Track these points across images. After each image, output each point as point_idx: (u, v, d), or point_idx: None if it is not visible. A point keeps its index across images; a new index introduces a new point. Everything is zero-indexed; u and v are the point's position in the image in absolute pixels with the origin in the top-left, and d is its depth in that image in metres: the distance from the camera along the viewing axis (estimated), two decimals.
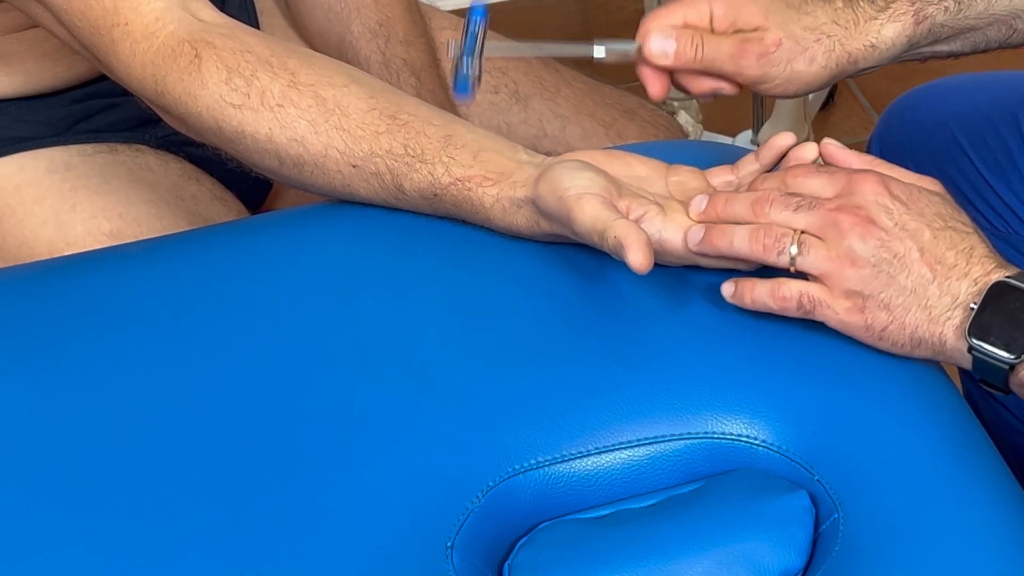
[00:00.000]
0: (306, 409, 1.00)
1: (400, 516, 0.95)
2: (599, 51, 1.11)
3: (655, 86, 1.12)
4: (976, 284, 0.94)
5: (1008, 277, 0.93)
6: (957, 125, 1.39)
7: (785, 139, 1.05)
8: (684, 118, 2.11)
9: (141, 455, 0.98)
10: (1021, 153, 1.35)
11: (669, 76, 1.12)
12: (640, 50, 1.11)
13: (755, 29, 1.10)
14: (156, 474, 0.98)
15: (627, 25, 2.38)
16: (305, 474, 0.97)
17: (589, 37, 1.12)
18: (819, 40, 1.11)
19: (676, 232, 1.00)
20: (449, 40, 1.07)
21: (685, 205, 1.02)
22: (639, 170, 1.06)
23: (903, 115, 1.48)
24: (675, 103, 2.13)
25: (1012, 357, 0.93)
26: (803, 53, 1.11)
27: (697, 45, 1.10)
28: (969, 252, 0.95)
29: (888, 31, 1.11)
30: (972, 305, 0.93)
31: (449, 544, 0.94)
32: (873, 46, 1.11)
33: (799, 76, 1.11)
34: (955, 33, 1.13)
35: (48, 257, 1.28)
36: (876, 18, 1.11)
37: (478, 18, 1.04)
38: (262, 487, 0.96)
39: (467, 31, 1.05)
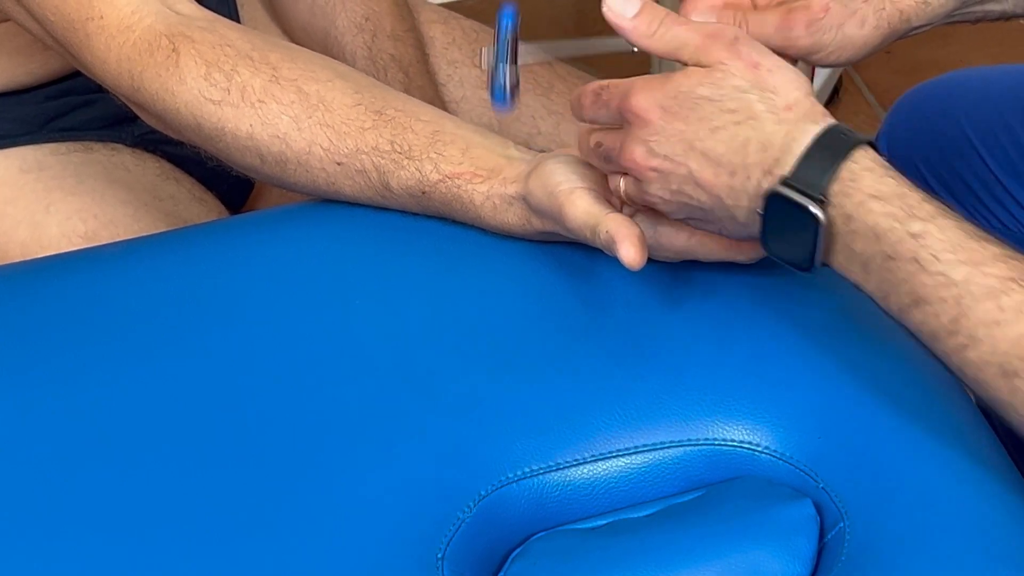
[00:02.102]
0: (291, 416, 0.99)
1: (389, 527, 0.94)
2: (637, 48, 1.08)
3: None
4: (759, 190, 0.92)
5: (783, 181, 0.90)
6: (967, 120, 1.39)
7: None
8: None
9: (117, 463, 0.98)
10: None
11: None
12: None
13: None
14: (131, 484, 0.97)
15: None
16: (291, 483, 0.96)
17: (583, 31, 1.10)
18: (867, 0, 1.08)
19: (671, 226, 0.99)
20: (480, 49, 1.06)
21: None
22: None
23: (911, 111, 1.47)
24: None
25: (807, 272, 0.92)
26: (853, 16, 1.08)
27: (740, 23, 1.08)
28: (743, 148, 0.92)
29: None
30: (758, 212, 0.92)
31: (440, 556, 0.93)
32: (926, 2, 1.10)
33: (852, 40, 1.08)
34: None
35: (21, 260, 1.28)
36: None
37: (508, 22, 1.02)
38: (247, 497, 0.96)
39: (499, 37, 1.03)
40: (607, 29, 1.07)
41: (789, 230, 0.90)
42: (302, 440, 0.98)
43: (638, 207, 0.99)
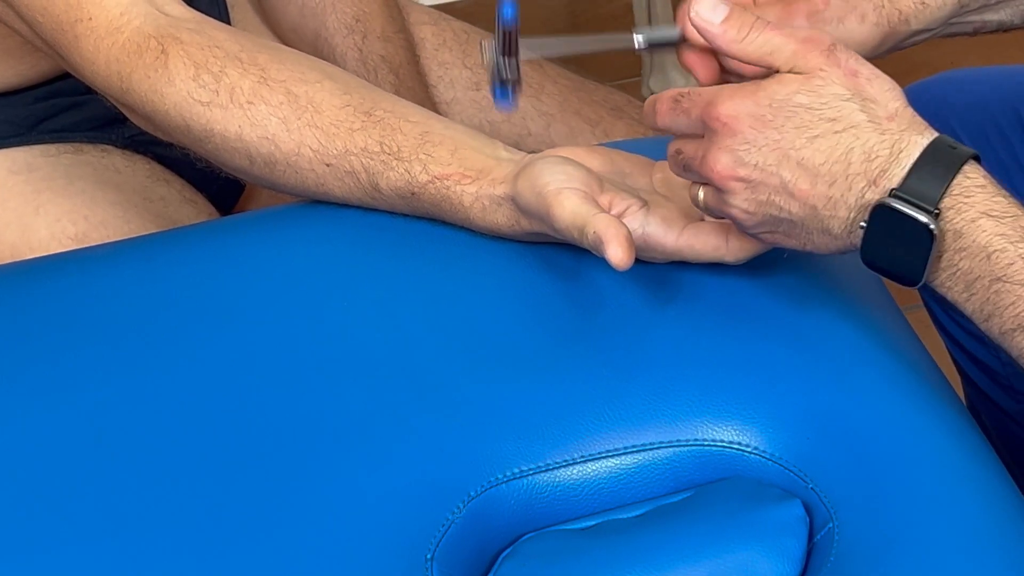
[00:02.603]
0: (281, 417, 0.99)
1: (378, 527, 0.94)
2: (638, 40, 1.08)
3: (703, 71, 1.08)
4: (861, 200, 0.90)
5: (893, 193, 0.88)
6: (957, 121, 1.39)
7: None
8: None
9: (106, 464, 0.98)
10: (1022, 148, 1.34)
11: (716, 60, 1.10)
12: (683, 35, 1.08)
13: None
14: (119, 484, 0.97)
15: (615, 19, 2.38)
16: (280, 484, 0.96)
17: (576, 32, 1.09)
18: None
19: (660, 227, 0.99)
20: (481, 42, 1.04)
21: (670, 200, 1.02)
22: (623, 166, 1.05)
23: None
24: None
25: (911, 286, 0.91)
26: (853, 11, 1.09)
27: None
28: (845, 158, 0.90)
29: None
30: (861, 224, 0.90)
31: (429, 556, 0.93)
32: (923, 3, 1.10)
33: (852, 36, 1.08)
34: None
35: (11, 261, 1.26)
36: None
37: (509, 16, 1.01)
38: (236, 498, 0.96)
39: (499, 32, 1.02)
40: (597, 29, 1.06)
41: (897, 243, 0.88)
42: (291, 441, 0.97)
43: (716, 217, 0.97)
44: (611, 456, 0.96)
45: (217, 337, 1.04)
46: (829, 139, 0.90)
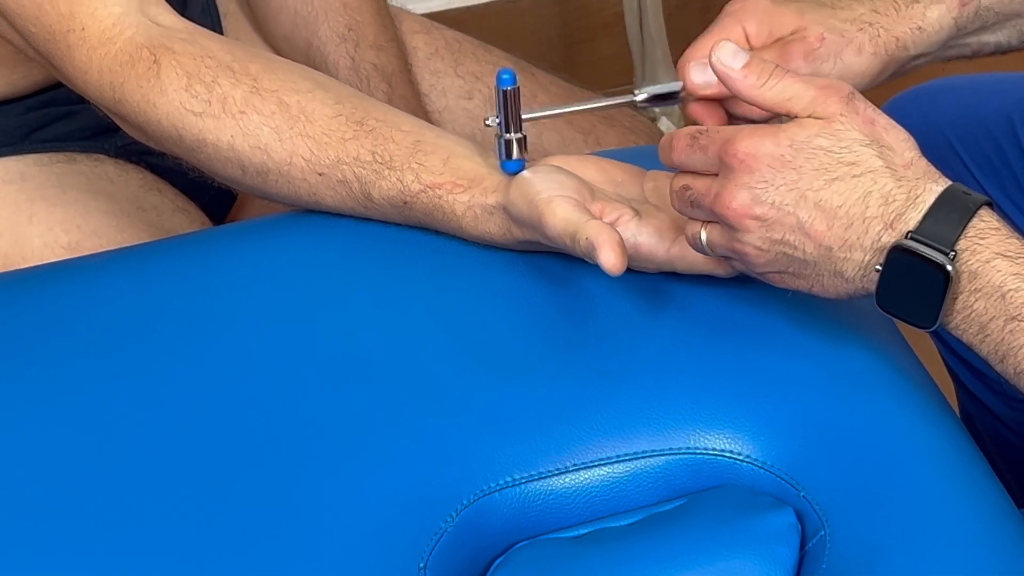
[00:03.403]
0: (274, 425, 0.99)
1: (371, 536, 0.94)
2: (641, 96, 1.09)
3: (712, 120, 1.10)
4: (877, 243, 0.91)
5: (910, 236, 0.89)
6: (950, 128, 1.39)
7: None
8: (665, 124, 2.11)
9: (99, 473, 0.97)
10: (1015, 155, 1.35)
11: (723, 108, 1.10)
12: (684, 88, 1.09)
13: (794, 33, 1.09)
14: (112, 490, 0.96)
15: (607, 28, 2.38)
16: (273, 494, 0.96)
17: (566, 41, 1.10)
18: (862, 29, 1.10)
19: (652, 237, 0.99)
20: (487, 119, 1.05)
21: (661, 209, 1.02)
22: (614, 175, 1.05)
23: (894, 119, 1.46)
24: (656, 109, 2.12)
25: (925, 328, 0.91)
26: (849, 44, 1.09)
27: None
28: (863, 201, 0.91)
29: (933, 12, 1.10)
30: (877, 267, 0.91)
31: (422, 565, 0.93)
32: (920, 28, 1.10)
33: (851, 68, 1.09)
34: (1002, 19, 1.12)
35: (3, 271, 1.26)
36: (918, 1, 1.11)
37: (508, 86, 1.02)
38: (228, 508, 0.95)
39: (502, 103, 1.03)
40: (589, 38, 1.07)
41: (911, 286, 0.89)
42: (283, 450, 0.97)
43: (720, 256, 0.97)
44: (604, 464, 0.96)
45: (210, 345, 1.04)
46: (848, 182, 0.90)
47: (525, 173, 1.02)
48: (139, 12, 1.09)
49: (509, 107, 1.02)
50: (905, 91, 1.49)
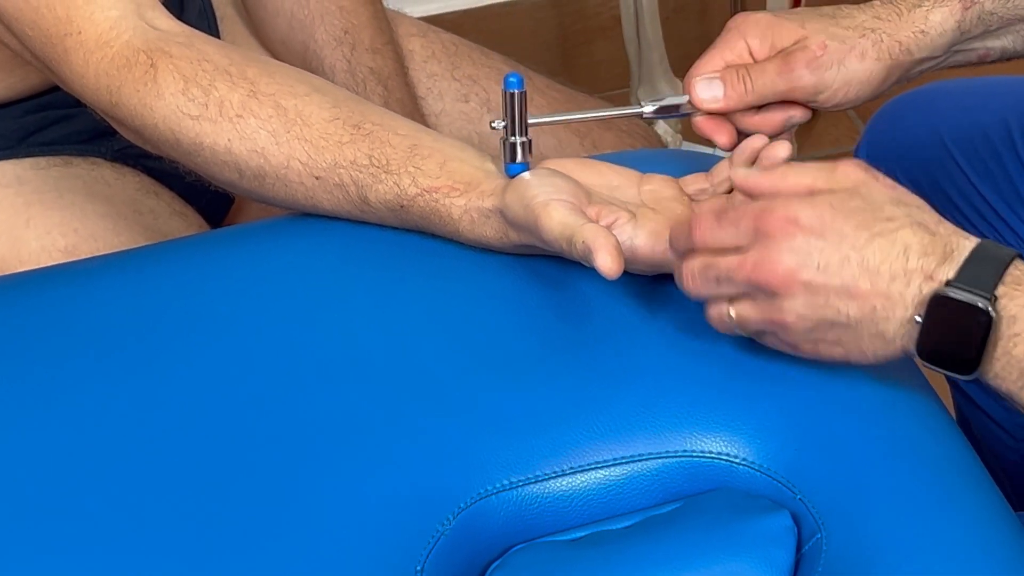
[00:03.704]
0: (270, 429, 0.99)
1: (369, 539, 0.94)
2: (648, 109, 1.10)
3: (721, 136, 1.11)
4: (919, 295, 0.91)
5: (950, 284, 0.90)
6: (946, 132, 1.39)
7: (757, 141, 1.04)
8: (662, 128, 2.11)
9: (97, 476, 0.97)
10: (1012, 160, 1.35)
11: (731, 123, 1.11)
12: (690, 103, 1.10)
13: (796, 43, 1.10)
14: (113, 495, 0.96)
15: (603, 31, 2.38)
16: (270, 497, 0.96)
17: (564, 44, 1.10)
18: (864, 35, 1.10)
19: (648, 239, 0.99)
20: (492, 122, 1.06)
21: (658, 212, 1.02)
22: (611, 178, 1.05)
23: (891, 122, 1.47)
24: (662, 121, 2.12)
25: (966, 377, 0.91)
26: (852, 51, 1.10)
27: (743, 77, 1.09)
28: (904, 254, 0.91)
29: (935, 16, 1.11)
30: (917, 319, 0.91)
31: (419, 568, 0.93)
32: (923, 32, 1.11)
33: (856, 75, 1.10)
34: (1006, 24, 1.13)
35: (0, 274, 1.26)
36: (920, 5, 1.11)
37: (516, 89, 1.02)
38: (226, 510, 0.95)
39: (509, 108, 1.03)
40: (586, 41, 1.07)
41: (952, 334, 0.90)
42: (280, 453, 0.97)
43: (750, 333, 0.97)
44: (600, 467, 0.96)
45: (207, 348, 1.04)
46: (888, 237, 0.91)
47: (522, 176, 1.02)
48: (136, 16, 1.09)
49: (516, 110, 1.03)
50: (901, 94, 1.49)
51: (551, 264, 1.04)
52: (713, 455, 0.96)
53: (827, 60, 1.09)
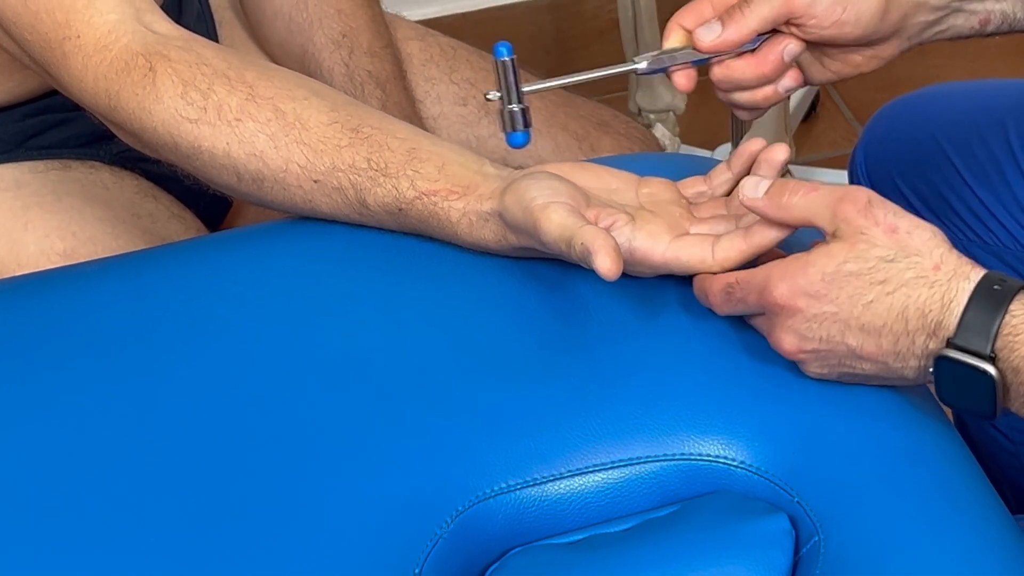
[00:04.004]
0: (268, 432, 0.99)
1: (366, 542, 0.94)
2: (642, 65, 1.09)
3: (689, 83, 1.11)
4: (926, 351, 0.93)
5: (950, 342, 0.91)
6: (943, 134, 1.39)
7: (755, 144, 1.04)
8: (661, 131, 2.11)
9: (95, 479, 0.97)
10: (1008, 162, 1.35)
11: (735, 65, 1.11)
12: (684, 50, 1.10)
13: None
14: (113, 496, 0.97)
15: (601, 34, 2.39)
16: (268, 498, 0.96)
17: (562, 47, 1.10)
18: None
19: (646, 241, 0.99)
20: (487, 93, 1.06)
21: (656, 215, 1.01)
22: (609, 182, 1.05)
23: (888, 125, 1.47)
24: (651, 116, 2.12)
25: (989, 418, 0.93)
26: None
27: (739, 6, 1.08)
28: (902, 317, 0.92)
29: None
30: (930, 370, 0.93)
31: (417, 571, 0.93)
32: None
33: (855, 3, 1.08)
34: None
35: None
36: None
37: (505, 57, 1.02)
38: (224, 514, 0.95)
39: (502, 77, 1.03)
40: (583, 44, 1.07)
41: (964, 386, 0.91)
42: (278, 456, 0.97)
43: None
44: (598, 470, 0.96)
45: (205, 351, 1.04)
46: (883, 301, 0.92)
47: (520, 179, 1.02)
48: (135, 20, 1.09)
49: (508, 78, 1.02)
50: (899, 97, 1.49)
51: (550, 267, 1.04)
52: (711, 458, 0.96)
53: None
